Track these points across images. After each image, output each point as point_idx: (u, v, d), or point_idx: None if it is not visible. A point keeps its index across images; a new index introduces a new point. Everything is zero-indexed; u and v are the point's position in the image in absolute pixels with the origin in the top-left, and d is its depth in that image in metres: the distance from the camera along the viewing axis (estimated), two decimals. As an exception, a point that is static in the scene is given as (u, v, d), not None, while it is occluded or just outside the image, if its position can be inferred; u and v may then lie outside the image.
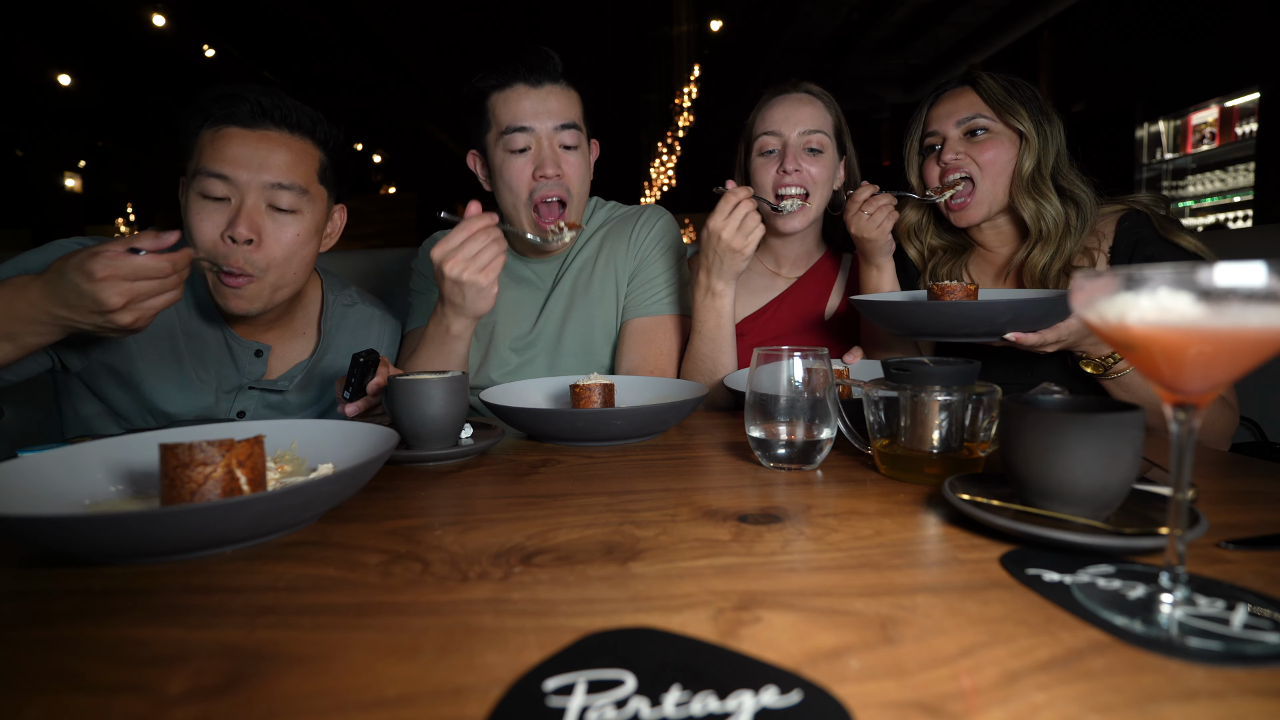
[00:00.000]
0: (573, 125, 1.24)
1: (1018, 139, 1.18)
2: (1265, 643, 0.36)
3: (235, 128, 1.01)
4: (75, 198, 8.56)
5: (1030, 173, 1.16)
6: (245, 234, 1.00)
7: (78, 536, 0.49)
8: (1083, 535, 0.48)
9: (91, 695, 0.34)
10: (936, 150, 1.23)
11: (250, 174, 1.00)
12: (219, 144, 1.00)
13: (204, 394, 1.14)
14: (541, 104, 1.21)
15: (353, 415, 0.96)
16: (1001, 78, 1.19)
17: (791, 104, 1.32)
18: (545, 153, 1.22)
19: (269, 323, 1.18)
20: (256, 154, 1.01)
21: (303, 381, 1.22)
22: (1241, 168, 4.94)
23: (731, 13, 7.14)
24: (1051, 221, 1.15)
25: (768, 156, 1.32)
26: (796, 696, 0.32)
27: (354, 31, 7.24)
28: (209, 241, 1.00)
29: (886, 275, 1.28)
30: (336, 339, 1.27)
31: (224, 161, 0.99)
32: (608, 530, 0.57)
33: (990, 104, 1.18)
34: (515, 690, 0.34)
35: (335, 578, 0.48)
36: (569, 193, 1.25)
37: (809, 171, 1.30)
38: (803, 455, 0.74)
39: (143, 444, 0.70)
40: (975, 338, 0.99)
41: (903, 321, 1.03)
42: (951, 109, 1.22)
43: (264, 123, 1.02)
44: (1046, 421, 0.51)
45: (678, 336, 1.35)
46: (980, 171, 1.18)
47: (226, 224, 1.00)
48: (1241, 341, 0.35)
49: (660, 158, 9.61)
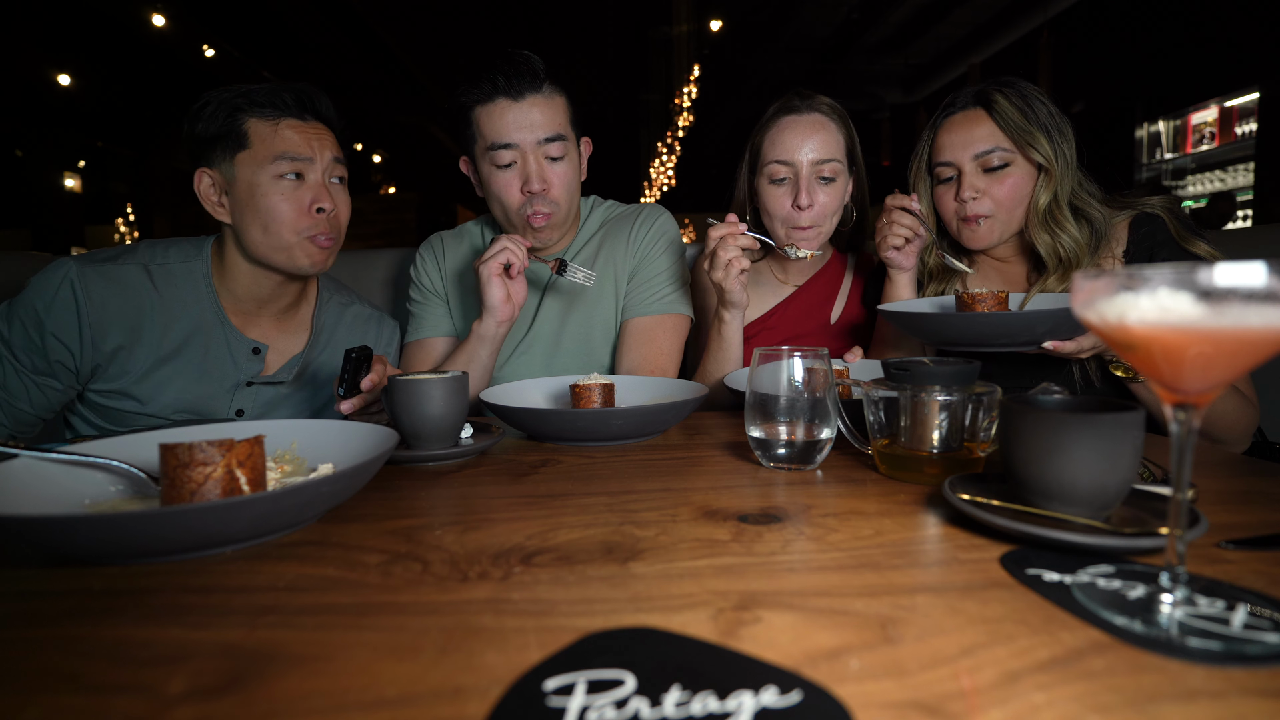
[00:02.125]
0: (557, 137, 1.24)
1: (1036, 171, 1.13)
2: (1265, 643, 0.36)
3: (292, 119, 1.12)
4: (75, 198, 8.55)
5: (1047, 205, 1.12)
6: (330, 204, 1.14)
7: (78, 536, 0.49)
8: (1083, 535, 0.48)
9: (91, 695, 0.34)
10: (951, 181, 1.18)
11: (319, 154, 1.13)
12: (285, 133, 1.11)
13: (206, 394, 1.16)
14: (525, 117, 1.21)
15: (348, 413, 0.97)
16: (1016, 97, 1.12)
17: (805, 128, 1.26)
18: (531, 168, 1.23)
19: (276, 314, 1.23)
20: (317, 139, 1.14)
21: (300, 374, 1.24)
22: (1241, 168, 4.95)
23: (731, 13, 7.13)
24: (1070, 249, 1.11)
25: (779, 185, 1.28)
26: (796, 696, 0.32)
27: (354, 32, 7.23)
28: (293, 216, 1.11)
29: (902, 285, 1.24)
30: (335, 335, 1.29)
31: (299, 146, 1.12)
32: (608, 530, 0.57)
33: (1008, 133, 1.12)
34: (515, 690, 0.34)
35: (335, 578, 0.48)
36: (555, 205, 1.27)
37: (821, 203, 1.26)
38: (803, 455, 0.74)
39: (143, 444, 0.70)
40: (1013, 347, 0.97)
41: (939, 333, 1.00)
42: (967, 139, 1.15)
43: (309, 115, 1.14)
44: (1046, 421, 0.51)
45: (678, 336, 1.35)
46: (997, 206, 1.15)
47: (310, 200, 1.12)
48: (1241, 341, 0.35)
49: (660, 158, 9.61)
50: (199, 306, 1.16)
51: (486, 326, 1.17)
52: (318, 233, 1.13)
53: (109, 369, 1.12)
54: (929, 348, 1.26)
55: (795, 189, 1.26)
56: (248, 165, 1.10)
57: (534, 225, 1.27)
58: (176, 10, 6.27)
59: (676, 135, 8.73)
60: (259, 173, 1.10)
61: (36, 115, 7.50)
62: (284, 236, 1.11)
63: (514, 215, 1.27)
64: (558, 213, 1.28)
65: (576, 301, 1.36)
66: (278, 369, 1.22)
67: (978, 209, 1.15)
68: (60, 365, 1.10)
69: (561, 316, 1.36)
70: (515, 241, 1.16)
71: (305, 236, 1.12)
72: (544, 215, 1.26)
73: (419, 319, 1.40)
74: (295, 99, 1.12)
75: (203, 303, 1.16)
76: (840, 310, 1.43)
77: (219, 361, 1.17)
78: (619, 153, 10.92)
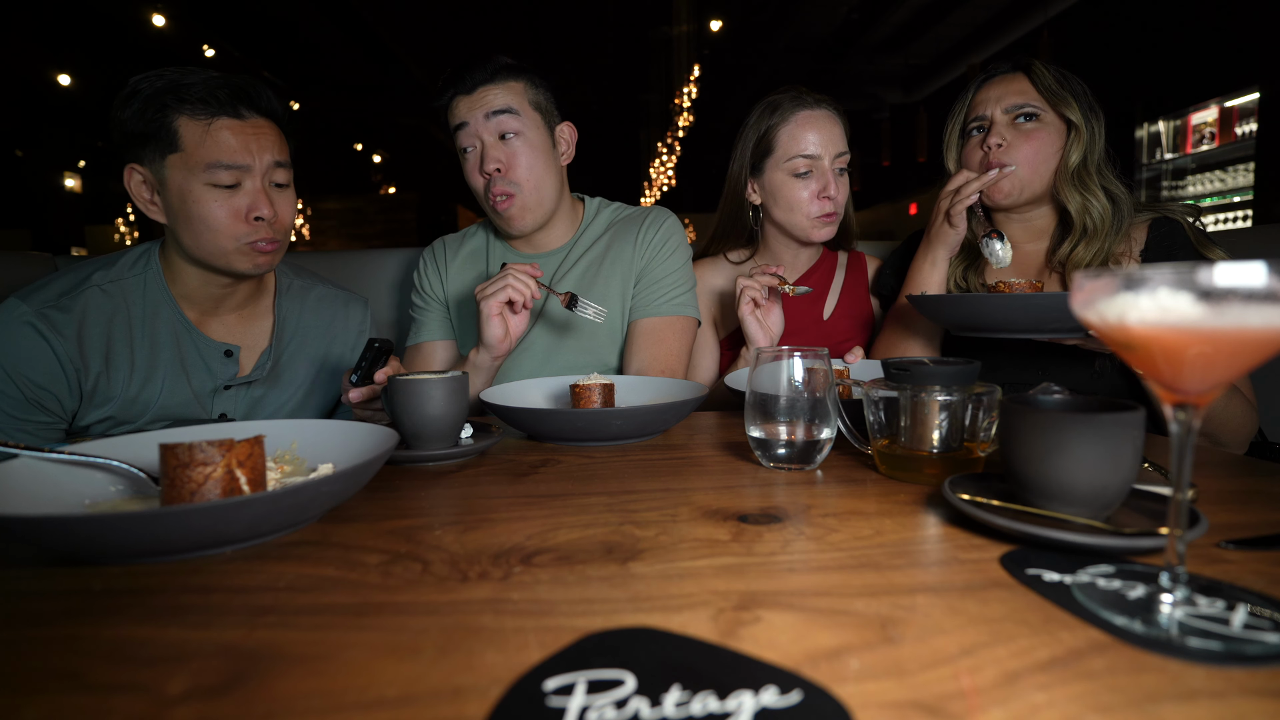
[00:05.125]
0: (506, 110, 1.23)
1: (1065, 129, 1.16)
2: (1265, 643, 0.36)
3: (226, 119, 1.04)
4: (75, 198, 8.55)
5: (1077, 165, 1.15)
6: (269, 212, 1.07)
7: (78, 536, 0.49)
8: (1083, 535, 0.48)
9: (91, 695, 0.34)
10: (980, 133, 1.21)
11: (256, 158, 1.06)
12: (218, 136, 1.03)
13: (186, 400, 1.13)
14: (477, 101, 1.23)
15: (355, 401, 0.97)
16: (1054, 68, 1.18)
17: (824, 122, 1.33)
18: (485, 149, 1.24)
19: (236, 308, 1.20)
20: (255, 140, 1.06)
21: (272, 368, 1.21)
22: (1241, 168, 4.94)
23: (731, 13, 7.13)
24: (1098, 217, 1.14)
25: (803, 178, 1.34)
26: (796, 696, 0.32)
27: (354, 31, 7.23)
28: (228, 223, 1.05)
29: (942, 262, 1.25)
30: (301, 321, 1.27)
31: (234, 152, 1.04)
32: (608, 530, 0.57)
33: (1043, 92, 1.16)
34: (515, 690, 0.34)
35: (335, 578, 0.48)
36: (515, 185, 1.26)
37: (840, 193, 1.35)
38: (803, 455, 0.74)
39: (143, 444, 0.70)
40: (1061, 334, 0.97)
41: (988, 317, 0.98)
42: (1001, 93, 1.19)
43: (247, 112, 1.06)
44: (1046, 421, 0.51)
45: (687, 338, 1.35)
46: (1022, 160, 1.16)
47: (247, 208, 1.05)
48: (1241, 341, 0.35)
49: (660, 158, 9.61)
50: (161, 316, 1.12)
51: (482, 359, 1.15)
52: (257, 239, 1.07)
53: (93, 399, 1.08)
54: (931, 344, 1.27)
55: (822, 181, 1.33)
56: (179, 169, 1.02)
57: (499, 210, 1.27)
58: (176, 10, 6.26)
59: (676, 135, 8.73)
60: (191, 179, 1.02)
61: (36, 115, 7.50)
62: (220, 244, 1.05)
63: (483, 202, 1.29)
64: (520, 194, 1.26)
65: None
66: (251, 368, 1.20)
67: (1003, 156, 1.17)
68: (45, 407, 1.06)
69: (566, 317, 1.37)
70: (522, 273, 1.10)
71: (244, 243, 1.06)
72: (507, 197, 1.26)
73: (419, 324, 1.40)
74: (230, 94, 1.03)
75: (163, 311, 1.13)
76: (832, 308, 1.46)
77: (194, 368, 1.14)
78: (619, 153, 10.92)
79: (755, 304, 1.22)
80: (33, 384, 1.04)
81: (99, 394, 1.08)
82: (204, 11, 6.52)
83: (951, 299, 1.06)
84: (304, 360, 1.27)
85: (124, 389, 1.09)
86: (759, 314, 1.23)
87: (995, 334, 1.01)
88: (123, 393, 1.09)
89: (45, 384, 1.04)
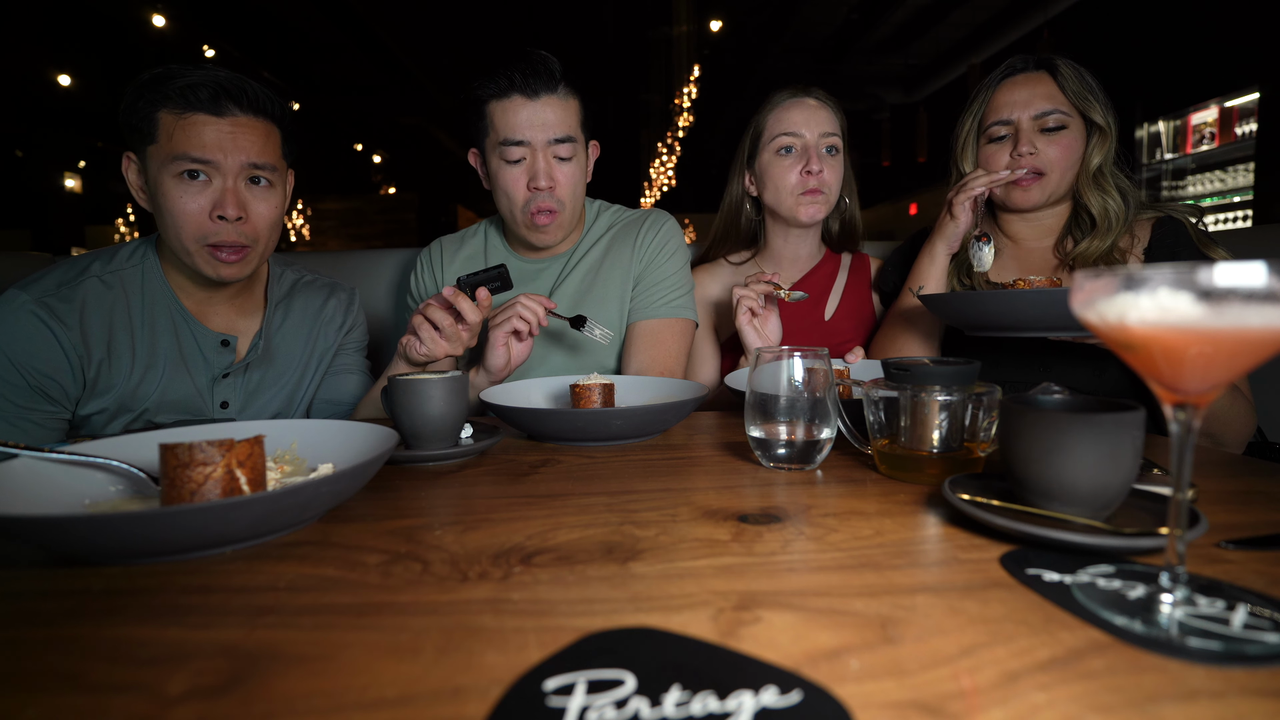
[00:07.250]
0: (568, 139, 1.25)
1: (1088, 133, 1.17)
2: (1265, 643, 0.36)
3: (203, 114, 1.03)
4: (75, 198, 8.55)
5: (1098, 167, 1.16)
6: (235, 212, 1.05)
7: (78, 536, 0.49)
8: (1083, 535, 0.48)
9: (91, 695, 0.34)
10: (1005, 140, 1.21)
11: (228, 156, 1.05)
12: (190, 130, 1.03)
13: (189, 391, 1.15)
14: (538, 116, 1.22)
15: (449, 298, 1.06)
16: (1075, 66, 1.18)
17: (809, 108, 1.35)
18: (539, 165, 1.24)
19: (231, 298, 1.20)
20: (231, 138, 1.05)
21: (264, 351, 1.23)
22: (1241, 168, 4.94)
23: (731, 13, 7.13)
24: (1115, 214, 1.16)
25: (787, 155, 1.35)
26: (796, 696, 0.32)
27: (354, 31, 7.23)
28: (191, 219, 1.04)
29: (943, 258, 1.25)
30: (291, 307, 1.28)
31: (203, 146, 1.03)
32: (608, 530, 0.57)
33: (1070, 96, 1.16)
34: (515, 690, 0.34)
35: (335, 578, 0.48)
36: (560, 203, 1.28)
37: (828, 172, 1.34)
38: (803, 455, 0.74)
39: (143, 444, 0.70)
40: (1085, 333, 0.95)
41: (1016, 315, 0.95)
42: (1028, 97, 1.18)
43: (230, 109, 1.05)
44: (1046, 421, 0.51)
45: (685, 340, 1.36)
46: (1051, 166, 1.17)
47: (211, 205, 1.05)
48: (1241, 341, 0.35)
49: (660, 158, 9.62)
50: (159, 306, 1.14)
51: (481, 380, 1.16)
52: (220, 242, 1.06)
53: (95, 388, 1.09)
54: (931, 341, 1.27)
55: (805, 157, 1.33)
56: (154, 160, 1.04)
57: (538, 224, 1.28)
58: (176, 10, 6.26)
59: (677, 135, 8.74)
60: (161, 171, 1.03)
61: (36, 115, 7.50)
62: (183, 242, 1.06)
63: (519, 212, 1.28)
64: (562, 212, 1.29)
65: (580, 304, 1.36)
66: (246, 353, 1.21)
67: (1036, 163, 1.18)
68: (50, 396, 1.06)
69: (562, 323, 1.37)
70: (533, 303, 1.10)
71: (205, 245, 1.06)
72: (549, 213, 1.27)
73: None
74: (212, 91, 1.02)
75: (162, 301, 1.14)
76: (834, 309, 1.46)
77: (192, 358, 1.15)
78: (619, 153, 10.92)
79: (752, 313, 1.22)
80: (37, 371, 1.04)
81: (101, 383, 1.09)
82: (204, 11, 6.52)
83: (977, 296, 1.02)
84: (296, 341, 1.28)
85: (125, 378, 1.10)
86: (756, 323, 1.23)
87: (1020, 333, 0.98)
88: (124, 382, 1.10)
89: (49, 371, 1.05)
